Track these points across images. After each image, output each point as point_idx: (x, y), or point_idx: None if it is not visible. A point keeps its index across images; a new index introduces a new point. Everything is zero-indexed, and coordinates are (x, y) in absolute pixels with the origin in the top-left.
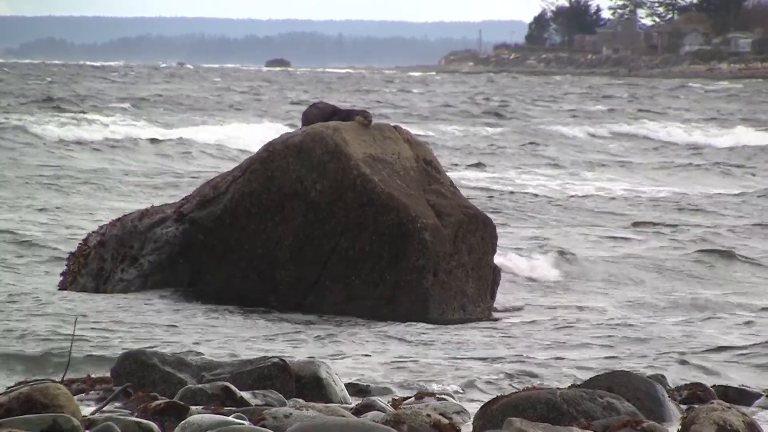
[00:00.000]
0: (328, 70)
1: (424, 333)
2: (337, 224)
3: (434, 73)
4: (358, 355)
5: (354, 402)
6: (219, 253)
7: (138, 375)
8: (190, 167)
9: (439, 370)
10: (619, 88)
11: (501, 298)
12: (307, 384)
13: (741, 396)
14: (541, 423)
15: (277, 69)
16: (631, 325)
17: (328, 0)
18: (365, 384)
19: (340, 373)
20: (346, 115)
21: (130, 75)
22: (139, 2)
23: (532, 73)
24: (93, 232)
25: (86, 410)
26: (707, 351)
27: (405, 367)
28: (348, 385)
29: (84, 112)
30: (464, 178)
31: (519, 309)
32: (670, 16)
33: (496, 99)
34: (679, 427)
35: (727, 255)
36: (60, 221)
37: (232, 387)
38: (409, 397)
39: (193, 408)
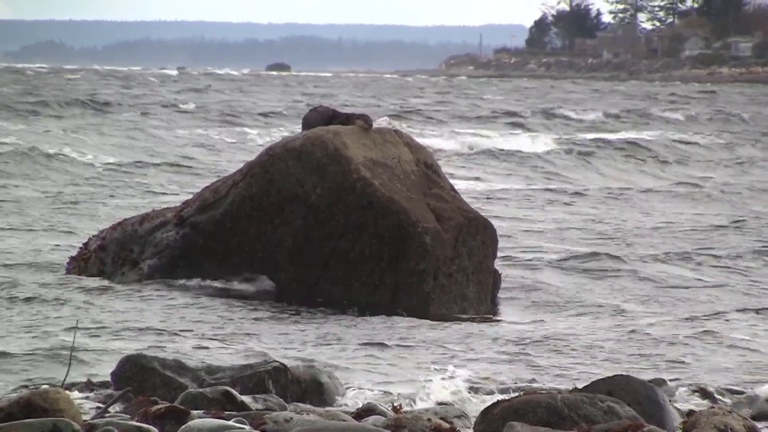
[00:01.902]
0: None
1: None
2: (337, 226)
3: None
4: (358, 356)
5: (354, 406)
6: (219, 256)
7: (138, 379)
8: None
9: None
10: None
11: None
12: (308, 388)
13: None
14: (542, 427)
15: (280, 73)
16: None
17: (328, 4)
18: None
19: (339, 377)
20: (346, 118)
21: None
22: (139, 6)
23: (533, 77)
24: (93, 235)
25: (86, 415)
26: None
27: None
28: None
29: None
30: None
31: None
32: (670, 20)
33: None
34: (680, 431)
35: None
36: None
37: (233, 391)
38: None
39: (193, 412)
